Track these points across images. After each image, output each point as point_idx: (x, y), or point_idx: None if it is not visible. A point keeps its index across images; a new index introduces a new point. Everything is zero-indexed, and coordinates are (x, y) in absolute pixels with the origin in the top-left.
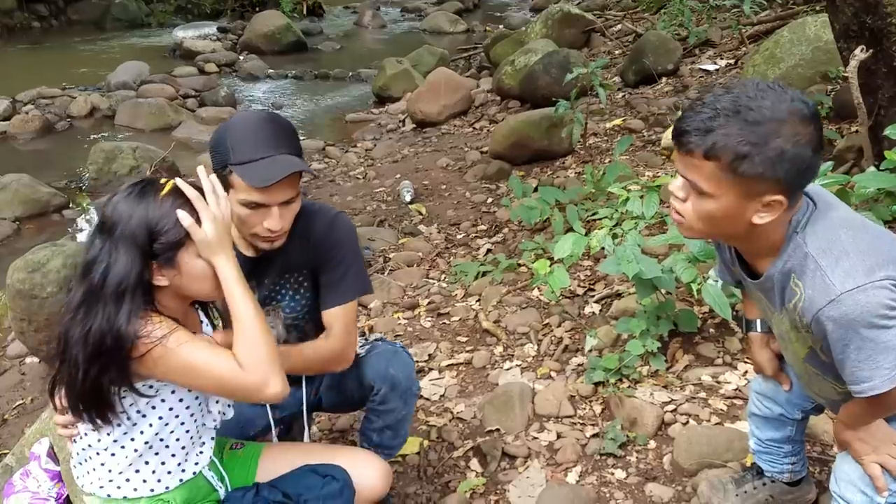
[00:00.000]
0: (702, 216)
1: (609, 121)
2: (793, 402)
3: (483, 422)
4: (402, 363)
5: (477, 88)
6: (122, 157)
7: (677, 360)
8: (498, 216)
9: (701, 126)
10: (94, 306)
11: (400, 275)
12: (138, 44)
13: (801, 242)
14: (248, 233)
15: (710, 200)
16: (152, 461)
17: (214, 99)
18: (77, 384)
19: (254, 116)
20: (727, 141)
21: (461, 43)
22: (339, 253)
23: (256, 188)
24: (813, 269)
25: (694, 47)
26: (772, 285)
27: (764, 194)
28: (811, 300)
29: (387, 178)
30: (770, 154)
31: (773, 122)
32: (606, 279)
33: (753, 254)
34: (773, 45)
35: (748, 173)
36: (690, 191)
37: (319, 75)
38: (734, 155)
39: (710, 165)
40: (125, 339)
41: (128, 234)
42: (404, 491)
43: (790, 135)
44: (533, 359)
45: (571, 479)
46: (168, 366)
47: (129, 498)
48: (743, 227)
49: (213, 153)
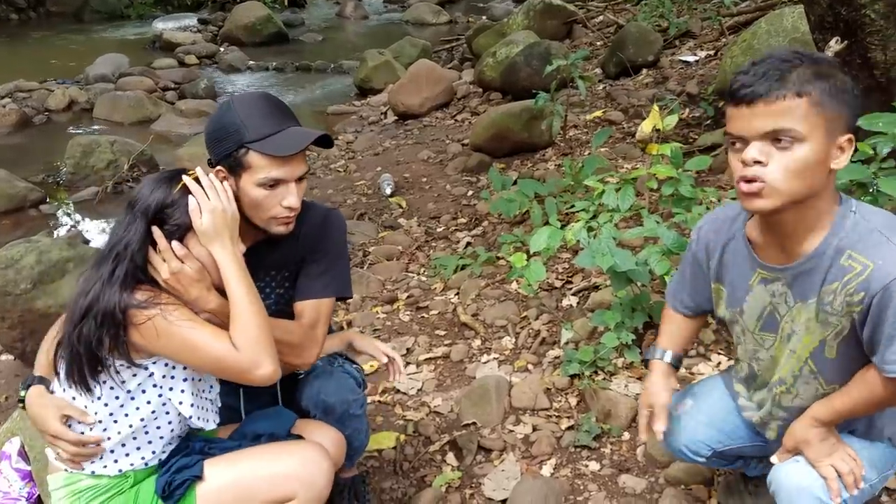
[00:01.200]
0: (794, 171)
1: (589, 113)
2: (696, 444)
3: (460, 415)
4: (336, 386)
5: (459, 80)
6: (100, 150)
7: None
8: (478, 209)
9: (775, 73)
10: (104, 269)
11: (379, 269)
12: (117, 36)
13: (860, 220)
14: (266, 217)
15: (803, 145)
16: (129, 442)
17: (194, 91)
18: (75, 342)
19: (255, 95)
20: (809, 77)
21: (444, 34)
22: (324, 248)
23: (278, 162)
24: (881, 241)
25: (674, 38)
26: (816, 265)
27: (839, 133)
28: (883, 271)
29: (367, 170)
30: (840, 86)
31: (828, 61)
32: (584, 272)
33: (795, 232)
34: (750, 36)
35: (832, 107)
36: (773, 149)
37: (301, 67)
38: (821, 89)
39: (803, 104)
40: (125, 303)
41: (144, 210)
42: (380, 486)
43: (841, 71)
44: (510, 352)
45: (546, 471)
46: (170, 339)
47: (96, 473)
48: (823, 178)
49: (218, 140)
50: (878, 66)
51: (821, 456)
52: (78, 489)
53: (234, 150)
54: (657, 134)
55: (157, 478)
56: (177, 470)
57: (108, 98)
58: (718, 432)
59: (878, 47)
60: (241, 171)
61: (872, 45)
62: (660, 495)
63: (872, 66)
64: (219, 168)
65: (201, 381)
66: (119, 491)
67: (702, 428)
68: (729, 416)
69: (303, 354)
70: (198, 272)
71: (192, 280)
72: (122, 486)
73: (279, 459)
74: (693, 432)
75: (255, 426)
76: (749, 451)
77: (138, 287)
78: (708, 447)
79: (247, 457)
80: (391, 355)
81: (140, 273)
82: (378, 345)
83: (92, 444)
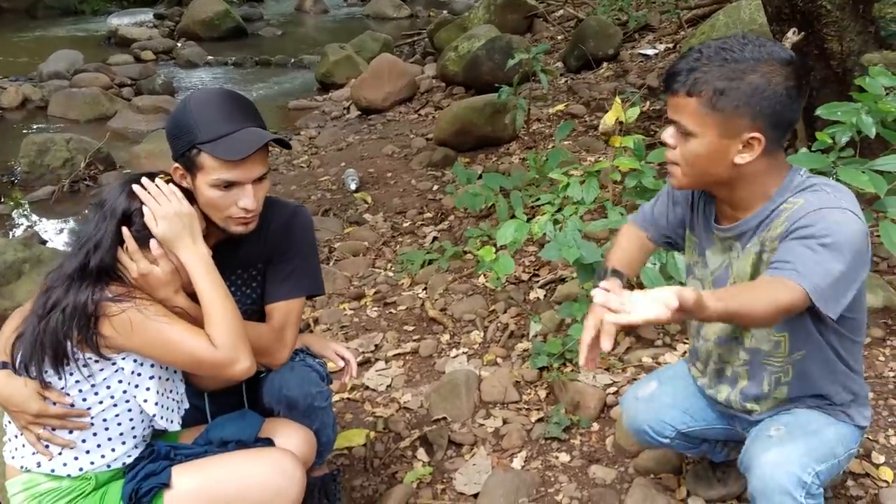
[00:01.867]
0: (689, 159)
1: (552, 106)
2: (660, 424)
3: (430, 411)
4: (298, 380)
5: (421, 75)
6: (56, 149)
7: (618, 343)
8: (444, 203)
9: (686, 67)
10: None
11: (345, 265)
12: (71, 32)
13: (805, 179)
14: (222, 216)
15: (695, 140)
16: (89, 439)
17: (151, 87)
18: (41, 334)
19: (213, 93)
20: (707, 77)
21: (405, 28)
22: (291, 247)
23: (230, 165)
24: (818, 189)
25: (634, 32)
26: (758, 220)
27: (742, 132)
28: (811, 203)
29: (331, 166)
30: (745, 88)
31: (751, 61)
32: (551, 264)
33: (738, 204)
34: (709, 28)
35: (726, 108)
36: (679, 136)
37: (260, 62)
38: (713, 89)
39: (693, 102)
40: (98, 295)
41: (112, 211)
42: (350, 484)
43: (765, 72)
44: (479, 346)
45: (517, 464)
46: (145, 333)
47: (56, 473)
48: (727, 169)
49: (174, 137)
50: (834, 57)
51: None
52: (38, 493)
53: (186, 150)
54: (620, 126)
55: (124, 484)
56: (144, 477)
57: (62, 95)
58: (682, 413)
59: (835, 38)
60: (196, 170)
61: (829, 36)
62: (629, 485)
63: (829, 57)
64: (176, 166)
65: (168, 380)
66: (81, 493)
67: (665, 409)
68: (693, 398)
69: (273, 356)
70: (168, 274)
71: (161, 282)
72: (84, 489)
73: (250, 468)
74: (656, 413)
75: (223, 432)
76: (713, 433)
77: (110, 284)
78: (672, 428)
79: (216, 464)
80: (346, 357)
81: (111, 271)
82: (334, 347)
83: (75, 416)
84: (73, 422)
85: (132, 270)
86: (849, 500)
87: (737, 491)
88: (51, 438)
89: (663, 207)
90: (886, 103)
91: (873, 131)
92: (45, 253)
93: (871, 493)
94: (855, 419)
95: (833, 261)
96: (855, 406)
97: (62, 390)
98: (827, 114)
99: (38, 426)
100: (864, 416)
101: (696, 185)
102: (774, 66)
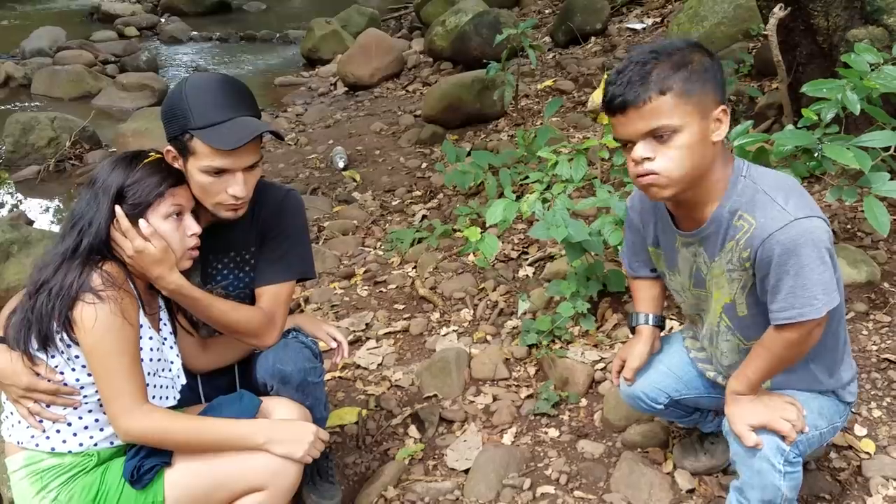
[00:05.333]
0: (679, 157)
1: (540, 82)
2: (654, 391)
3: (421, 388)
4: (292, 355)
5: (409, 50)
6: (40, 128)
7: (606, 320)
8: (433, 181)
9: (637, 78)
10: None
11: (335, 244)
12: (53, 8)
13: (749, 183)
14: (212, 202)
15: (681, 135)
16: (85, 416)
17: (136, 64)
18: (29, 312)
19: (210, 78)
20: (667, 72)
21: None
22: (282, 231)
23: (221, 152)
24: (766, 201)
25: (622, 6)
26: (716, 228)
27: (712, 108)
28: (763, 227)
29: (319, 143)
30: (698, 68)
31: (682, 49)
32: (539, 242)
33: (695, 203)
34: (696, 3)
35: (696, 90)
36: (656, 144)
37: (245, 37)
38: (680, 80)
39: (668, 99)
40: (82, 282)
41: (105, 189)
42: (343, 461)
43: (696, 51)
44: (469, 323)
45: (507, 440)
46: (100, 339)
47: (57, 451)
48: (711, 151)
49: (168, 120)
50: (820, 33)
51: (764, 418)
52: (39, 469)
53: (179, 134)
54: None
55: (125, 462)
56: (145, 455)
57: (46, 73)
58: (676, 381)
59: (821, 14)
60: (188, 155)
61: (815, 12)
62: (617, 458)
63: (815, 33)
64: (169, 148)
65: (160, 360)
66: (83, 470)
67: (660, 376)
68: (686, 367)
69: (262, 338)
70: (161, 251)
71: (155, 259)
72: (85, 465)
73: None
74: (651, 380)
75: (221, 413)
76: (706, 402)
77: (102, 262)
78: (665, 395)
79: None
80: (338, 339)
81: (104, 249)
82: (326, 328)
83: (66, 394)
84: (64, 398)
85: (126, 248)
86: (832, 472)
87: (723, 463)
88: (41, 412)
89: (631, 238)
90: (871, 80)
91: (858, 108)
92: (33, 234)
93: (854, 465)
94: (841, 395)
95: (813, 273)
96: (841, 383)
97: (55, 368)
98: (812, 91)
99: (29, 400)
100: (850, 393)
101: (683, 186)
102: (695, 48)
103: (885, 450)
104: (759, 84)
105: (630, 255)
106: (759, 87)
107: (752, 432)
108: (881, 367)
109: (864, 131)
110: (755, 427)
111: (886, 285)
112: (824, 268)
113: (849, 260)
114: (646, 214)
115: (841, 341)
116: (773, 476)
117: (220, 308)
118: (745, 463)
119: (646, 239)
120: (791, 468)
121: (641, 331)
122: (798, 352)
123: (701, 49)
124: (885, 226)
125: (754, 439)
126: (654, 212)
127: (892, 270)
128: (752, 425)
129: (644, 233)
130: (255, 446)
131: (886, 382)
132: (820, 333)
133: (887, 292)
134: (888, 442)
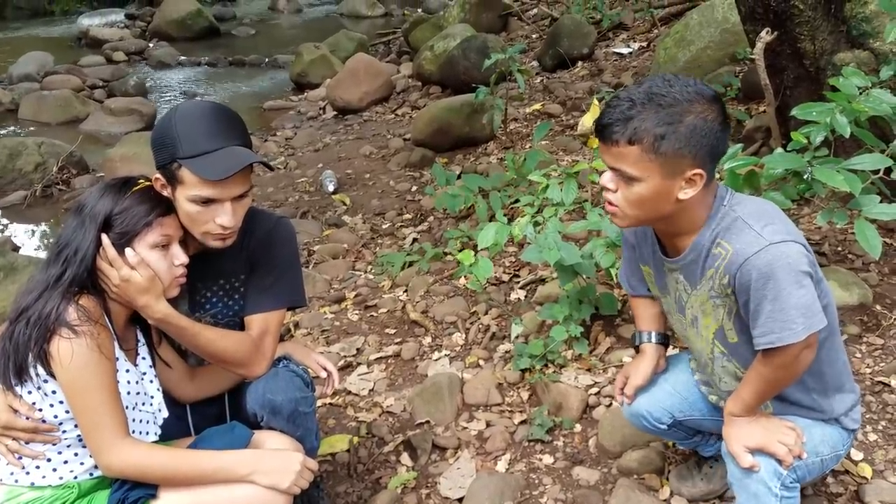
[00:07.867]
0: (633, 202)
1: (529, 106)
2: (659, 411)
3: (413, 414)
4: (283, 384)
5: (397, 74)
6: (27, 153)
7: (599, 343)
8: (423, 204)
9: (621, 117)
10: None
11: (325, 267)
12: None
13: (728, 211)
14: (200, 231)
15: (639, 184)
16: (65, 451)
17: (124, 89)
18: (6, 341)
19: (200, 106)
20: (646, 125)
21: (380, 27)
22: (272, 260)
23: (209, 182)
24: (742, 227)
25: (608, 31)
26: (696, 256)
27: (685, 170)
28: (739, 253)
29: (309, 167)
30: (684, 131)
31: (683, 103)
32: (531, 265)
33: (676, 233)
34: (683, 27)
35: (668, 151)
36: (620, 181)
37: (234, 62)
38: (654, 136)
39: (635, 150)
40: (59, 314)
41: (93, 216)
42: (335, 490)
43: (699, 112)
44: (461, 348)
45: (501, 467)
46: (76, 375)
47: (37, 485)
48: (671, 205)
49: (157, 148)
50: (807, 56)
51: (761, 440)
52: (20, 503)
53: (168, 163)
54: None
55: (110, 494)
56: (130, 487)
57: (33, 98)
58: (681, 401)
59: (808, 37)
60: (176, 183)
61: (802, 36)
62: (613, 486)
63: (802, 56)
64: (157, 176)
65: (139, 394)
66: (64, 503)
67: (665, 395)
68: (692, 388)
69: (251, 368)
70: (148, 280)
71: (142, 288)
72: (66, 498)
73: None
74: (656, 398)
75: (210, 445)
76: (708, 424)
77: (79, 296)
78: (669, 415)
79: None
80: (329, 369)
81: (87, 279)
82: (316, 357)
83: (45, 431)
84: (43, 436)
85: (112, 277)
86: (829, 497)
87: (719, 489)
88: (19, 450)
89: (629, 255)
90: (860, 103)
91: (848, 131)
92: (19, 260)
93: (851, 489)
94: (843, 423)
95: (791, 297)
96: (843, 409)
97: (33, 405)
98: (802, 114)
99: (7, 438)
100: (852, 420)
101: (639, 223)
102: (705, 105)
103: (882, 474)
104: (747, 107)
105: (628, 273)
106: (746, 111)
107: (748, 453)
108: (875, 390)
109: (853, 154)
110: (752, 449)
111: (878, 307)
112: (803, 291)
113: (840, 282)
114: (640, 234)
115: (839, 364)
116: (769, 500)
117: (208, 337)
118: (741, 485)
119: (641, 257)
120: (787, 493)
121: (645, 349)
122: (788, 374)
123: (706, 107)
124: (877, 248)
125: (750, 461)
126: (646, 234)
127: (884, 293)
128: (749, 447)
129: (639, 251)
130: (240, 478)
131: (881, 406)
132: (810, 356)
133: (879, 314)
134: (885, 466)
